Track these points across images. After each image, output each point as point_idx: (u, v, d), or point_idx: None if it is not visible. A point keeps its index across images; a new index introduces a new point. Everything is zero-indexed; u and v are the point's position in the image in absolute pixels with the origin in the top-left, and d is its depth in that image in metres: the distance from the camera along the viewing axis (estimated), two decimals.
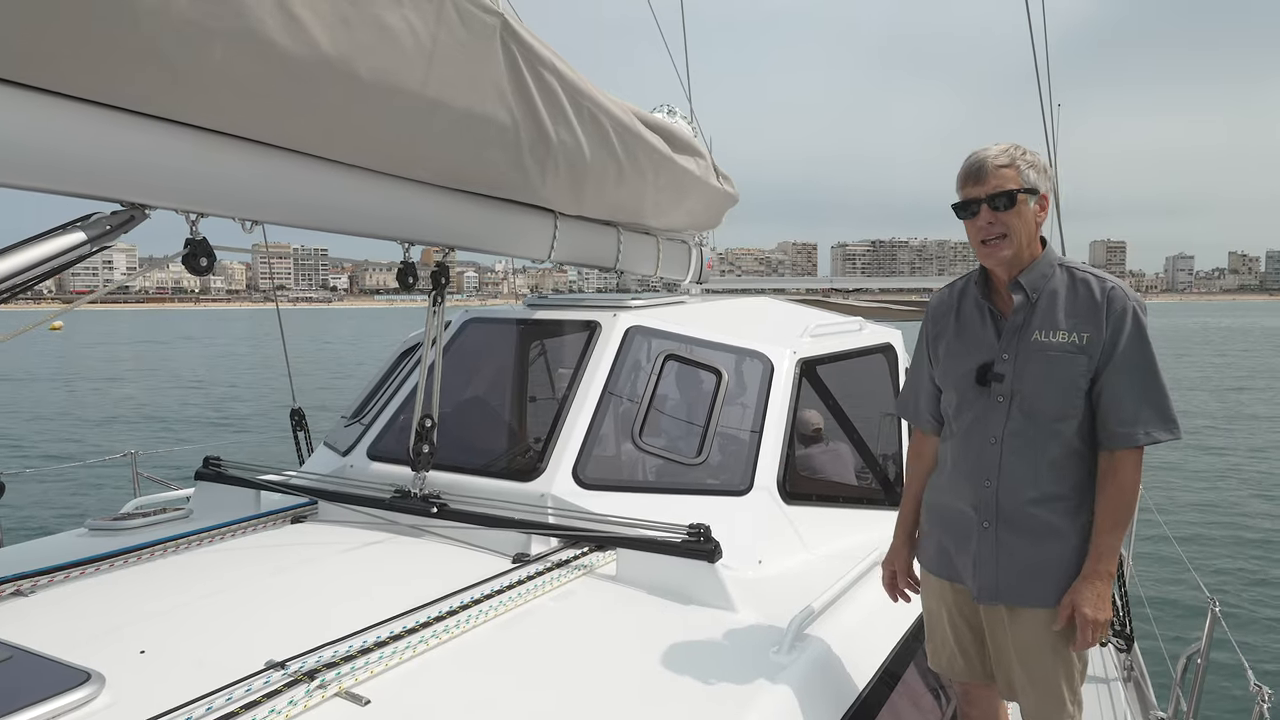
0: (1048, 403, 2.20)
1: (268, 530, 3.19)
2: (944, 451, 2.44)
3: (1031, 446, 2.22)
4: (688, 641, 2.36)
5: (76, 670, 1.87)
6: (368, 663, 2.02)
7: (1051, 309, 2.23)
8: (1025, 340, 2.24)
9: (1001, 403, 2.25)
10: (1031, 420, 2.22)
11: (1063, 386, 2.19)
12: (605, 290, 5.16)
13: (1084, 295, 2.22)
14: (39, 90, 1.93)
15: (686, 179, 4.46)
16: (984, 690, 2.52)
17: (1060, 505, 2.22)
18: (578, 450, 3.16)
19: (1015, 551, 2.24)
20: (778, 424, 3.37)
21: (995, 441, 2.26)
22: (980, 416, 2.29)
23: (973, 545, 2.32)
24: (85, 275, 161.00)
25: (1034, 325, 2.23)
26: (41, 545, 3.15)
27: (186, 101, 2.18)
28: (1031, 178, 2.22)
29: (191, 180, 2.33)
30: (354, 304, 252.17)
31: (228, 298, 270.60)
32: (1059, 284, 2.25)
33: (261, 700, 1.83)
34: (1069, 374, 2.18)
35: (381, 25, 2.43)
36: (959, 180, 2.28)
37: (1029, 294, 2.25)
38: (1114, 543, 2.18)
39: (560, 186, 3.48)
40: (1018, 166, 2.21)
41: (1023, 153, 2.24)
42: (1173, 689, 4.33)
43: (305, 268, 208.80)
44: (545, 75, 3.08)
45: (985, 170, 2.21)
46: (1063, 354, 2.19)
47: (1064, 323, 2.21)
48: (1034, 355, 2.21)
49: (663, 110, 5.05)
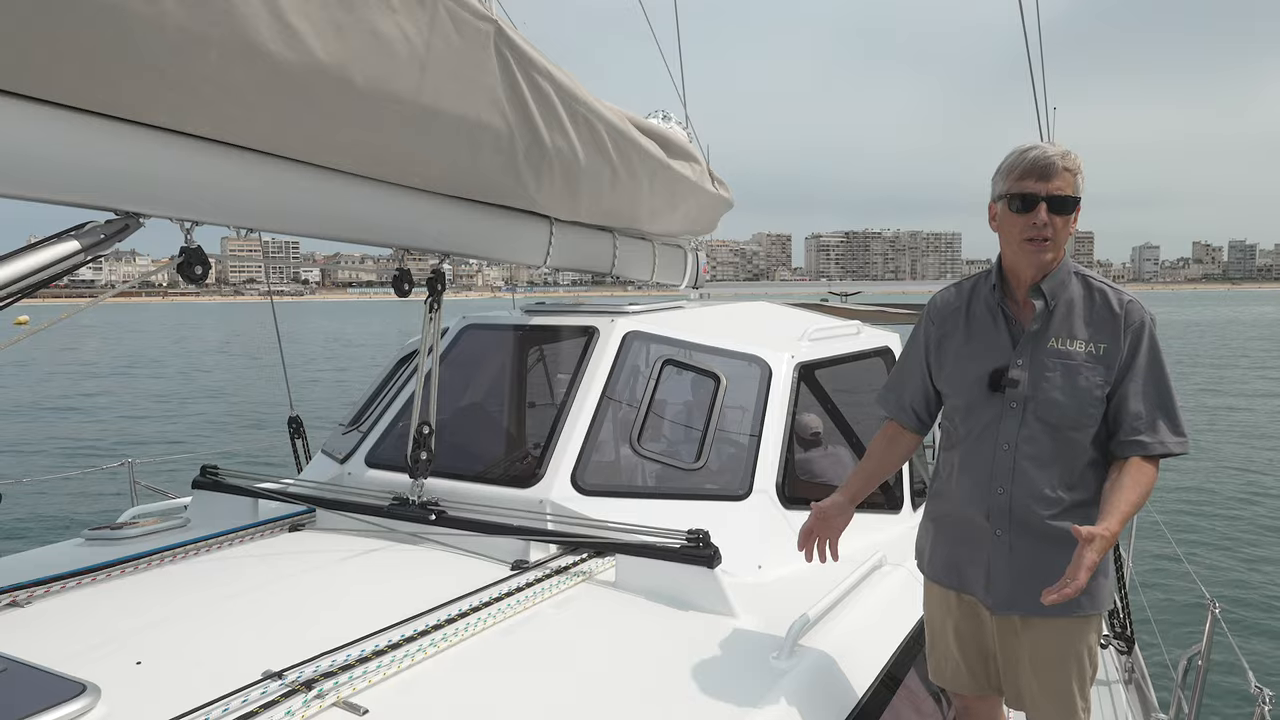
0: (1065, 411, 2.18)
1: (265, 539, 3.18)
2: (948, 459, 2.39)
3: (1047, 454, 2.20)
4: (687, 647, 2.35)
5: (72, 682, 1.85)
6: (365, 672, 2.01)
7: (1069, 317, 2.21)
8: (1041, 347, 2.21)
9: (1015, 409, 2.22)
10: (1048, 428, 2.19)
11: (1081, 395, 2.17)
12: (580, 283, 5.16)
13: (1101, 306, 2.21)
14: (32, 99, 1.92)
15: (682, 184, 4.47)
16: (983, 704, 2.51)
17: (1076, 513, 2.18)
18: (576, 456, 3.15)
19: (1030, 560, 2.21)
20: (776, 428, 3.36)
21: (1009, 448, 2.22)
22: (992, 422, 2.25)
23: (985, 554, 2.29)
24: None
25: (1050, 332, 2.21)
26: (38, 555, 3.14)
27: (180, 110, 2.18)
28: (1081, 187, 2.19)
29: (186, 189, 2.33)
30: (327, 297, 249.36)
31: (197, 293, 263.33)
32: (1075, 293, 2.23)
33: (259, 711, 1.81)
34: (1087, 383, 2.16)
35: (375, 32, 2.43)
36: (1016, 171, 2.18)
37: (1048, 300, 2.22)
38: (1128, 515, 2.12)
39: (555, 192, 3.48)
40: (1077, 173, 2.17)
41: (1080, 160, 2.19)
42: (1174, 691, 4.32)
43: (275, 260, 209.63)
44: (540, 81, 3.08)
45: (1054, 169, 2.14)
46: (1082, 363, 2.17)
47: (1082, 332, 2.19)
48: (1052, 363, 2.19)
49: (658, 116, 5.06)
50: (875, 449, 2.56)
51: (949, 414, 2.39)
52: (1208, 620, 3.96)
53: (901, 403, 2.51)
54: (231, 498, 3.40)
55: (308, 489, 3.43)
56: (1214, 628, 3.92)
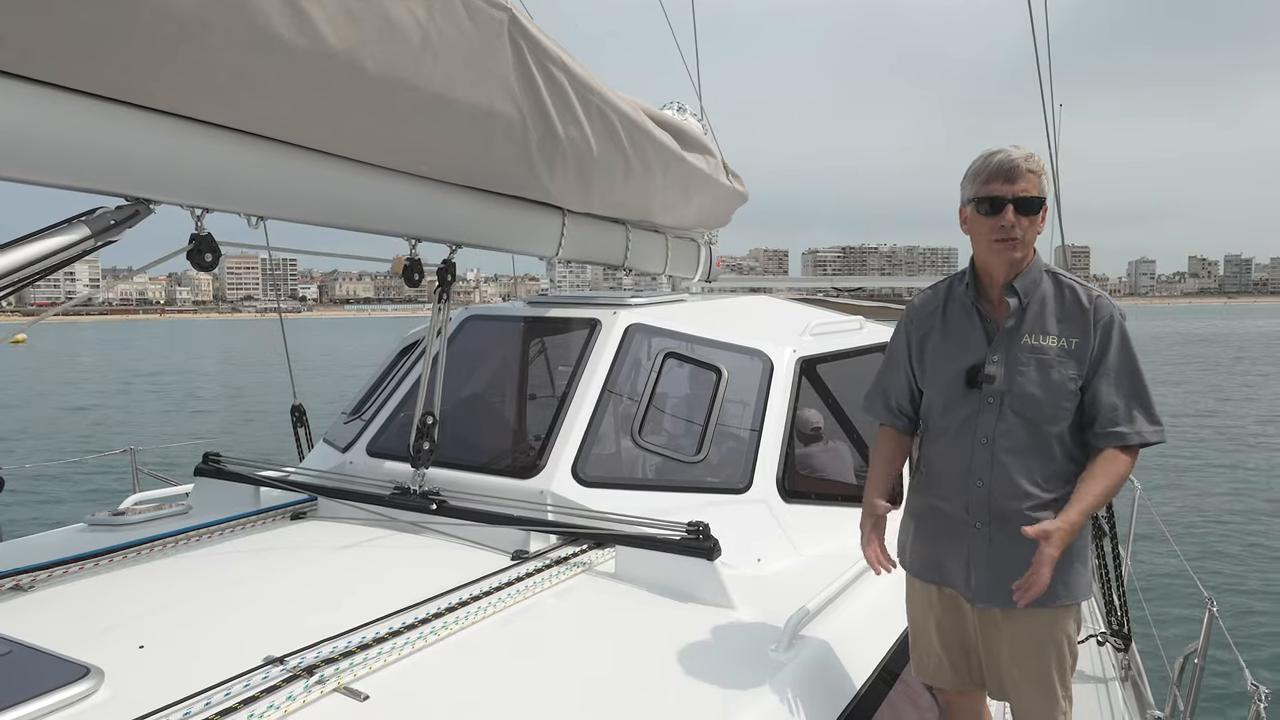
0: (1040, 404, 2.24)
1: (267, 526, 3.19)
2: (927, 454, 2.44)
3: (1024, 447, 2.26)
4: (686, 639, 2.37)
5: (75, 665, 1.87)
6: (366, 659, 2.03)
7: (1041, 313, 2.29)
8: (1016, 343, 2.28)
9: (992, 404, 2.28)
10: (1024, 421, 2.25)
11: (1054, 389, 2.24)
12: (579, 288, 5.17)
13: (1071, 302, 2.29)
14: (43, 84, 1.92)
15: (696, 177, 4.44)
16: (966, 700, 2.54)
17: (1054, 506, 2.23)
18: (577, 448, 3.16)
19: (1010, 552, 2.25)
20: (777, 422, 3.37)
21: (987, 442, 2.28)
22: (970, 418, 2.31)
23: (965, 547, 2.33)
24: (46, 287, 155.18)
25: (1024, 329, 2.28)
26: (41, 540, 3.16)
27: (190, 95, 2.17)
28: (1046, 187, 2.27)
29: (197, 175, 2.32)
30: (324, 314, 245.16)
31: (194, 309, 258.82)
32: (1047, 289, 2.31)
33: (260, 696, 1.83)
34: (1060, 377, 2.24)
35: (387, 19, 2.42)
36: (982, 175, 2.26)
37: (1021, 298, 2.28)
38: (1093, 506, 2.20)
39: (568, 183, 3.47)
40: (1041, 175, 2.25)
41: (1041, 162, 2.28)
42: (1170, 689, 4.33)
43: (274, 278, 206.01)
44: (554, 71, 3.06)
45: (1018, 171, 2.22)
46: (1055, 357, 2.25)
47: (1054, 327, 2.27)
48: (1026, 358, 2.26)
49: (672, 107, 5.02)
50: (884, 450, 2.58)
51: (927, 410, 2.44)
52: (1205, 618, 3.97)
53: (889, 406, 2.55)
54: (233, 485, 3.41)
55: (309, 477, 3.44)
56: (1211, 626, 3.93)
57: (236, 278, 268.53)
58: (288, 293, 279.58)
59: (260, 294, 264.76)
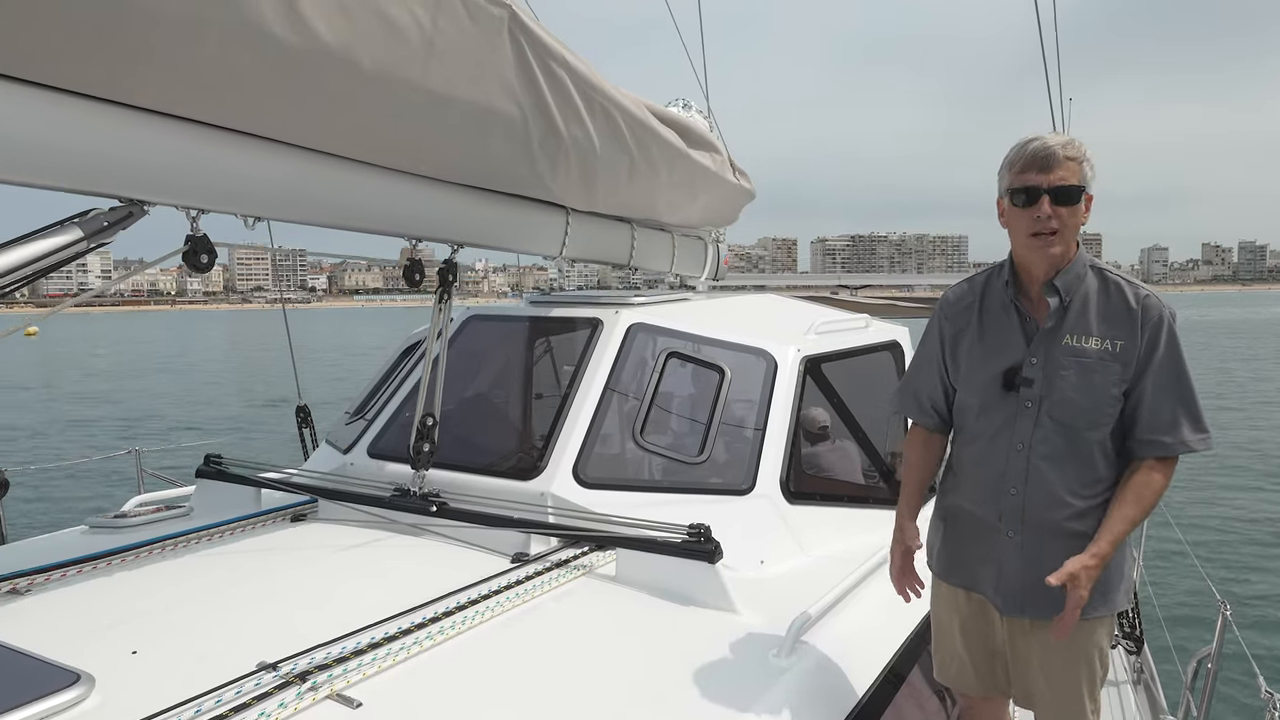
0: (1080, 410, 2.13)
1: (267, 529, 3.18)
2: (961, 456, 2.36)
3: (1062, 455, 2.15)
4: (687, 643, 2.34)
5: (66, 671, 1.85)
6: (360, 664, 2.00)
7: (1084, 313, 2.15)
8: (1056, 344, 2.16)
9: (1030, 408, 2.17)
10: (1062, 427, 2.15)
11: (1096, 394, 2.12)
12: (585, 287, 5.14)
13: (1117, 301, 2.15)
14: (36, 85, 1.90)
15: (702, 174, 4.41)
16: (988, 705, 2.48)
17: (1091, 516, 2.14)
18: (578, 449, 3.14)
19: (1042, 562, 2.14)
20: (781, 422, 3.33)
21: (1023, 448, 2.18)
22: (1006, 422, 2.21)
23: (996, 555, 2.25)
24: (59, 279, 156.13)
25: (1065, 329, 2.15)
26: (41, 543, 3.15)
27: (185, 95, 2.15)
28: (1089, 175, 2.12)
29: (192, 176, 2.30)
30: (334, 304, 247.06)
31: (205, 299, 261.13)
32: (1090, 287, 2.17)
33: (251, 703, 1.81)
34: (1103, 381, 2.11)
35: (383, 16, 2.39)
36: (1017, 165, 2.13)
37: (1062, 296, 2.16)
38: (1124, 533, 2.12)
39: (571, 182, 3.44)
40: (1081, 161, 2.10)
41: (1085, 149, 2.13)
42: (1183, 693, 4.29)
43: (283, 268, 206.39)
44: (555, 68, 3.03)
45: (1054, 159, 2.08)
46: (1097, 360, 2.12)
47: (1097, 328, 2.14)
48: (1066, 361, 2.14)
49: (678, 104, 4.99)
50: (914, 459, 2.50)
51: (961, 411, 2.35)
52: (1219, 622, 3.92)
53: (922, 405, 2.46)
54: (235, 487, 3.40)
55: (310, 479, 3.42)
56: (1225, 630, 3.88)
57: (246, 268, 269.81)
58: (296, 284, 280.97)
59: (270, 284, 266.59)
